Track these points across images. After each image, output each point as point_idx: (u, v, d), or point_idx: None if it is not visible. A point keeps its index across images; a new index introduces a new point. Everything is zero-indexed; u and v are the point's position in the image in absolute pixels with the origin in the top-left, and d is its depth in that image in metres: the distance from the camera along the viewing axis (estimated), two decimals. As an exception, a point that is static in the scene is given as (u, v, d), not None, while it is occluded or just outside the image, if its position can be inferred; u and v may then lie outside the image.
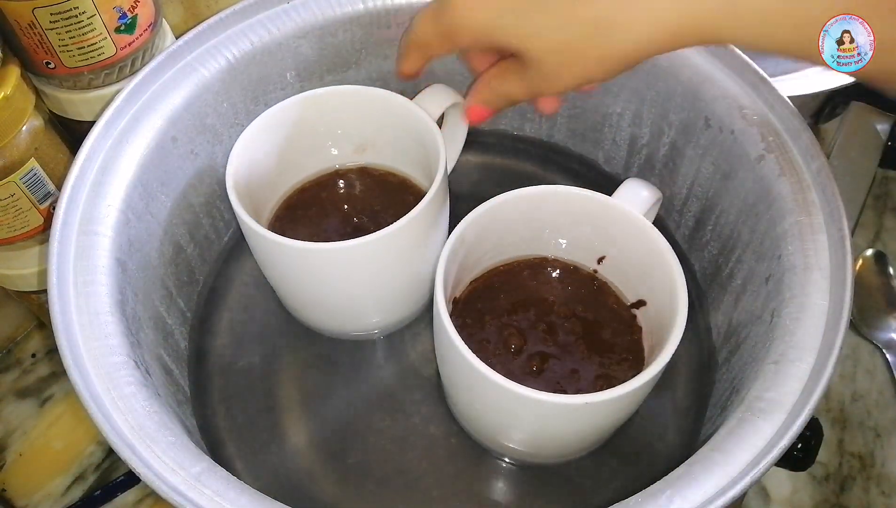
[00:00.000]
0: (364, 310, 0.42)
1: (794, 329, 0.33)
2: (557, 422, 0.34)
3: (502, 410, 0.34)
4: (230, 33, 0.42)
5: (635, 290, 0.39)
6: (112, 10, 0.41)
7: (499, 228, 0.38)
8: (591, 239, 0.39)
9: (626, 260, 0.39)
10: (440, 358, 0.37)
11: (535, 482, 0.40)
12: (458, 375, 0.35)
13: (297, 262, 0.37)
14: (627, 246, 0.38)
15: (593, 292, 0.40)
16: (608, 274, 0.40)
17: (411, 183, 0.44)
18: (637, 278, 0.39)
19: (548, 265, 0.41)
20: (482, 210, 0.37)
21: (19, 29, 0.40)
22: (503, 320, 0.39)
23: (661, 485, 0.29)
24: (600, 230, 0.38)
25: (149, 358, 0.37)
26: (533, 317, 0.39)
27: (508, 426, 0.36)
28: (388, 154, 0.44)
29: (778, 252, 0.36)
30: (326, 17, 0.44)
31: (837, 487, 0.45)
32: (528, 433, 0.36)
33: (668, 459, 0.40)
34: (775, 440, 0.30)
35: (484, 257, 0.40)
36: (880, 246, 0.54)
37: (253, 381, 0.43)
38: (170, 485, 0.29)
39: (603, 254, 0.40)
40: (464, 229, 0.36)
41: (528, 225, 0.39)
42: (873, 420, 0.47)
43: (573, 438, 0.37)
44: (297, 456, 0.40)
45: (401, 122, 0.41)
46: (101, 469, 0.46)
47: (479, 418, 0.38)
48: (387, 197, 0.44)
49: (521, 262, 0.41)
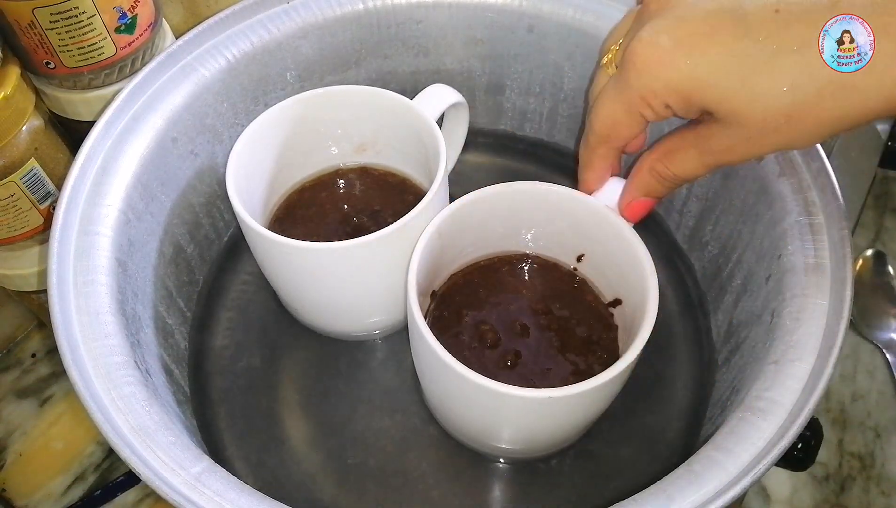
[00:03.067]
0: (364, 310, 0.42)
1: (794, 329, 0.33)
2: (525, 416, 0.34)
3: (471, 404, 0.34)
4: (230, 33, 0.42)
5: (613, 288, 0.39)
6: (112, 10, 0.41)
7: (477, 223, 0.38)
8: (569, 236, 0.39)
9: (604, 259, 0.39)
10: (414, 352, 0.37)
11: (534, 481, 0.40)
12: (429, 368, 0.35)
13: (298, 262, 0.37)
14: (605, 245, 0.38)
15: (572, 290, 0.40)
16: (587, 272, 0.40)
17: (411, 183, 0.44)
18: (614, 277, 0.39)
19: (528, 261, 0.41)
20: (459, 205, 0.37)
21: (19, 29, 0.40)
22: (480, 314, 0.39)
23: (661, 485, 0.29)
24: (579, 228, 0.38)
25: (149, 358, 0.37)
26: (510, 312, 0.39)
27: (478, 421, 0.36)
28: (388, 154, 0.44)
29: (778, 252, 0.36)
30: (326, 17, 0.44)
31: (837, 487, 0.45)
32: (498, 428, 0.36)
33: (668, 459, 0.40)
34: (775, 440, 0.30)
35: (464, 252, 0.40)
36: (880, 246, 0.54)
37: (253, 381, 0.43)
38: (170, 485, 0.29)
39: (582, 252, 0.40)
40: (440, 224, 0.36)
41: (506, 221, 0.39)
42: (873, 420, 0.47)
43: (544, 433, 0.36)
44: (297, 456, 0.40)
45: (401, 122, 0.41)
46: (101, 469, 0.46)
47: (451, 413, 0.38)
48: (387, 197, 0.44)
49: (501, 257, 0.41)
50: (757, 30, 0.28)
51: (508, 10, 0.45)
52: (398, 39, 0.46)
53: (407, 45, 0.47)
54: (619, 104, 0.32)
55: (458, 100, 0.42)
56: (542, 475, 0.40)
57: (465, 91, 0.50)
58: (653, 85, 0.30)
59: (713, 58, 0.28)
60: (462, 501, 0.39)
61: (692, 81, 0.29)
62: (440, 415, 0.40)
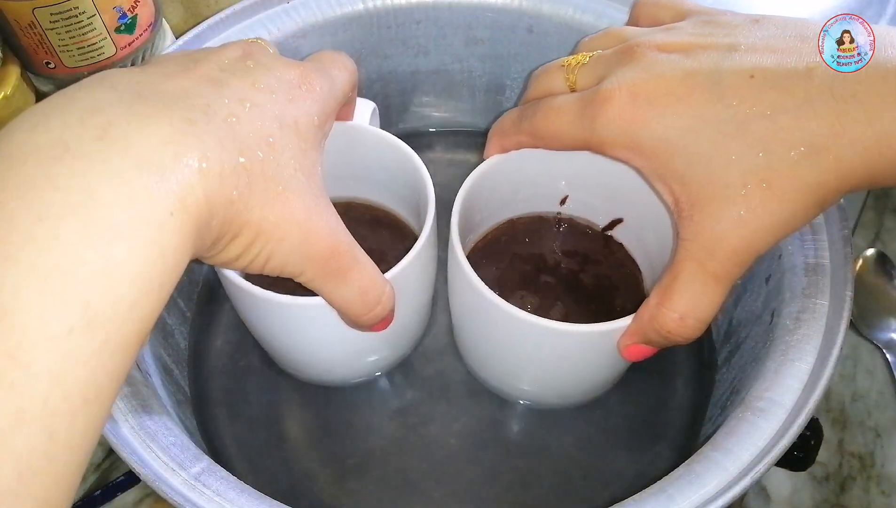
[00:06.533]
0: (357, 361, 0.40)
1: (794, 329, 0.33)
2: (556, 352, 0.34)
3: (506, 340, 0.35)
4: (230, 33, 0.42)
5: (647, 255, 0.39)
6: (112, 10, 0.41)
7: (513, 180, 0.38)
8: (605, 200, 0.40)
9: (639, 224, 0.39)
10: (452, 292, 0.37)
11: (533, 483, 0.40)
12: (467, 305, 0.35)
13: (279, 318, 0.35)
14: (641, 211, 0.38)
15: (603, 252, 0.41)
16: (621, 236, 0.41)
17: (392, 216, 0.42)
18: (651, 244, 0.39)
19: (561, 222, 0.42)
20: (497, 161, 0.36)
21: (19, 29, 0.40)
22: (508, 274, 0.39)
23: (661, 485, 0.29)
24: (614, 192, 0.38)
25: (149, 358, 0.37)
26: (540, 273, 0.40)
27: (511, 360, 0.37)
28: (371, 189, 0.42)
29: (778, 252, 0.36)
30: (326, 17, 0.44)
31: (837, 487, 0.45)
32: (529, 367, 0.37)
33: (668, 459, 0.40)
34: (775, 440, 0.30)
35: (494, 212, 0.40)
36: (880, 246, 0.54)
37: (253, 381, 0.43)
38: (170, 485, 0.29)
39: (618, 216, 0.40)
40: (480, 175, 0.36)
41: (542, 180, 0.39)
42: (873, 420, 0.47)
43: (572, 375, 0.37)
44: (296, 456, 0.40)
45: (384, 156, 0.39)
46: (101, 469, 0.46)
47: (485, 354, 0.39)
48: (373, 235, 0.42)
49: (534, 217, 0.42)
50: (731, 95, 0.28)
51: (508, 10, 0.45)
52: (398, 39, 0.46)
53: (407, 46, 0.47)
54: (574, 133, 0.32)
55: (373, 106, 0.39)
56: (540, 474, 0.40)
57: (465, 91, 0.50)
58: (619, 138, 0.30)
59: (685, 121, 0.28)
60: (462, 501, 0.39)
61: (661, 143, 0.29)
62: (473, 359, 0.41)
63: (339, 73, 0.32)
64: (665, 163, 0.29)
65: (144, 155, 0.21)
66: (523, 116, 0.35)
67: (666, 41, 0.31)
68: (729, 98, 0.28)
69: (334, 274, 0.29)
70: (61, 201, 0.20)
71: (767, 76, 0.27)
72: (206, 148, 0.23)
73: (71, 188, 0.20)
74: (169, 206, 0.21)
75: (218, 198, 0.23)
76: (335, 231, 0.29)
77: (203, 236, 0.23)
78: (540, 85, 0.35)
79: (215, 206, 0.23)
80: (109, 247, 0.20)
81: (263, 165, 0.25)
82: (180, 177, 0.22)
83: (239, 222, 0.25)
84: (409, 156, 0.37)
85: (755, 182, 0.27)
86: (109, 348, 0.20)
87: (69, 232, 0.19)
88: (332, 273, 0.29)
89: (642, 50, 0.30)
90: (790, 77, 0.27)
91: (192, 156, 0.22)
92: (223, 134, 0.24)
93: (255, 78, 0.27)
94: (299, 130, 0.28)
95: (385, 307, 0.31)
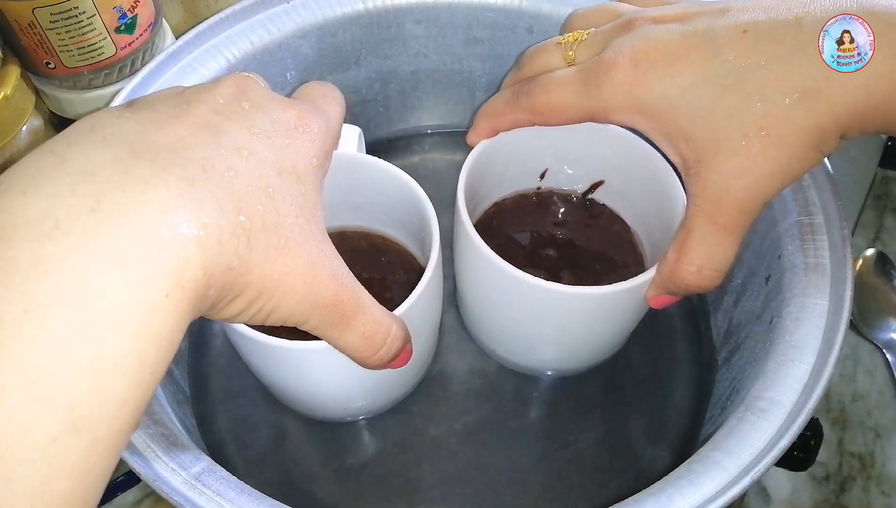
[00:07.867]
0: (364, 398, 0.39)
1: (794, 329, 0.33)
2: (564, 316, 0.35)
3: (513, 305, 0.35)
4: (230, 33, 0.42)
5: (635, 210, 0.40)
6: (112, 10, 0.41)
7: (501, 162, 0.39)
8: (584, 167, 0.40)
9: (623, 184, 0.39)
10: (458, 261, 0.38)
11: (533, 483, 0.40)
12: (475, 274, 0.36)
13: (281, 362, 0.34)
14: (623, 172, 0.38)
15: (591, 214, 0.41)
16: (604, 197, 0.41)
17: (389, 241, 0.41)
18: (638, 199, 0.39)
19: (543, 195, 0.42)
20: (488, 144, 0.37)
21: (19, 29, 0.40)
22: (509, 255, 0.39)
23: (661, 485, 0.29)
24: (594, 158, 0.39)
25: (149, 358, 0.36)
26: (538, 248, 0.40)
27: (518, 325, 0.37)
28: (365, 216, 0.41)
29: (778, 252, 0.36)
30: (326, 17, 0.44)
31: (837, 487, 0.45)
32: (537, 331, 0.38)
33: (668, 459, 0.40)
34: (775, 440, 0.30)
35: (485, 196, 0.41)
36: (880, 246, 0.54)
37: (253, 381, 0.43)
38: (170, 485, 0.29)
39: (599, 179, 0.40)
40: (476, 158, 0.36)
41: (523, 159, 0.40)
42: (873, 420, 0.47)
43: (582, 339, 0.38)
44: (297, 456, 0.40)
45: (379, 184, 0.38)
46: (101, 469, 0.46)
47: (490, 319, 0.40)
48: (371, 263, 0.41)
49: (517, 196, 0.42)
50: (727, 50, 0.29)
51: (508, 10, 0.45)
52: (398, 39, 0.46)
53: (407, 46, 0.47)
54: (579, 103, 0.32)
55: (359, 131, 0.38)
56: (540, 475, 0.40)
57: (465, 91, 0.50)
58: (625, 103, 0.31)
59: (686, 79, 0.29)
60: (462, 502, 0.39)
61: (664, 102, 0.30)
62: (478, 327, 0.41)
63: (332, 109, 0.31)
64: (670, 122, 0.30)
65: (139, 229, 0.20)
66: (519, 93, 0.35)
67: (661, 13, 0.32)
68: (725, 53, 0.29)
69: (338, 321, 0.28)
70: (50, 286, 0.18)
71: (760, 29, 0.29)
72: (203, 214, 0.22)
73: (61, 271, 0.19)
74: (164, 286, 0.20)
75: (216, 268, 0.22)
76: (338, 277, 0.27)
77: (199, 307, 0.23)
78: (536, 63, 0.36)
79: (213, 276, 0.22)
80: (99, 337, 0.19)
81: (264, 218, 0.24)
82: (177, 251, 0.21)
83: (239, 285, 0.24)
84: (412, 187, 0.36)
85: (754, 131, 0.28)
86: (97, 449, 0.18)
87: (57, 323, 0.18)
88: (337, 320, 0.28)
89: (640, 22, 0.32)
90: (781, 27, 0.28)
91: (190, 225, 0.21)
92: (222, 193, 0.23)
93: (252, 122, 0.26)
94: (298, 174, 0.27)
95: (391, 348, 0.30)
